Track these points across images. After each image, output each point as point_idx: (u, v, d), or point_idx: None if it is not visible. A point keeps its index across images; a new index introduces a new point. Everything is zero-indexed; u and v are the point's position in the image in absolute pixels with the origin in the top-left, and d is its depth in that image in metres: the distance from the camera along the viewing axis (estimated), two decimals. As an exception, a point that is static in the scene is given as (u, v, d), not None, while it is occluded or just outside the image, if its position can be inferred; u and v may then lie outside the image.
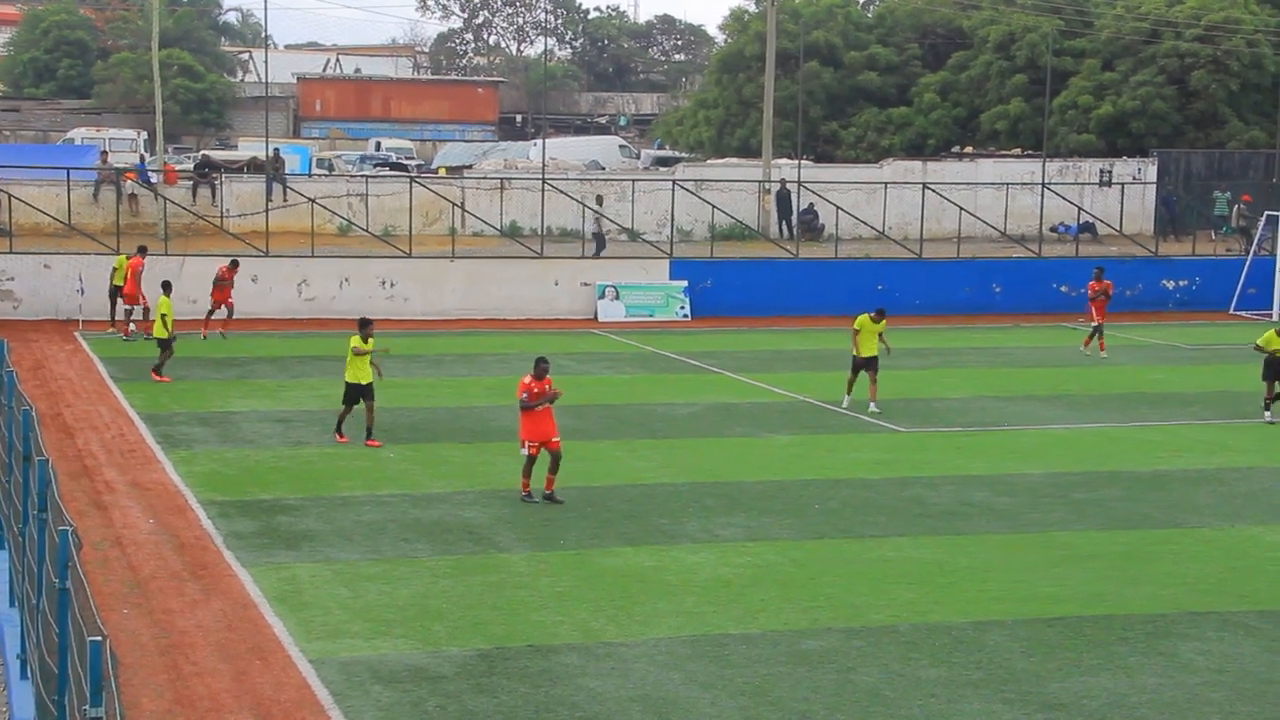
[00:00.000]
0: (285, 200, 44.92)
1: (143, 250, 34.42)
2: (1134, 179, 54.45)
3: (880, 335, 26.40)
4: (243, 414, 25.25)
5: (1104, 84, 61.14)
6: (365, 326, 22.70)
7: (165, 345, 28.07)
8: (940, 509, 19.63)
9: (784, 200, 51.08)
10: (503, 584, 16.22)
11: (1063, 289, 42.18)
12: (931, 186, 45.49)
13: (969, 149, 64.43)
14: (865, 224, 44.96)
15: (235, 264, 34.50)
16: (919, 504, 19.89)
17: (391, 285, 38.23)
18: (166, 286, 29.18)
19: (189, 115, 73.55)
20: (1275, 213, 41.34)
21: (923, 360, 33.11)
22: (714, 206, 44.26)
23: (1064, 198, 47.79)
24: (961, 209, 44.35)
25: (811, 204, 50.04)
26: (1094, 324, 33.45)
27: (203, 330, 33.46)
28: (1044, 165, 52.10)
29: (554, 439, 19.25)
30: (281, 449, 22.74)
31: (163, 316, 28.15)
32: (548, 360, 19.52)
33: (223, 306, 33.85)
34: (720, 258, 42.39)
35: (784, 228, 51.15)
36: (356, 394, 22.61)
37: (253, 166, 52.53)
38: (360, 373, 22.55)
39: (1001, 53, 63.44)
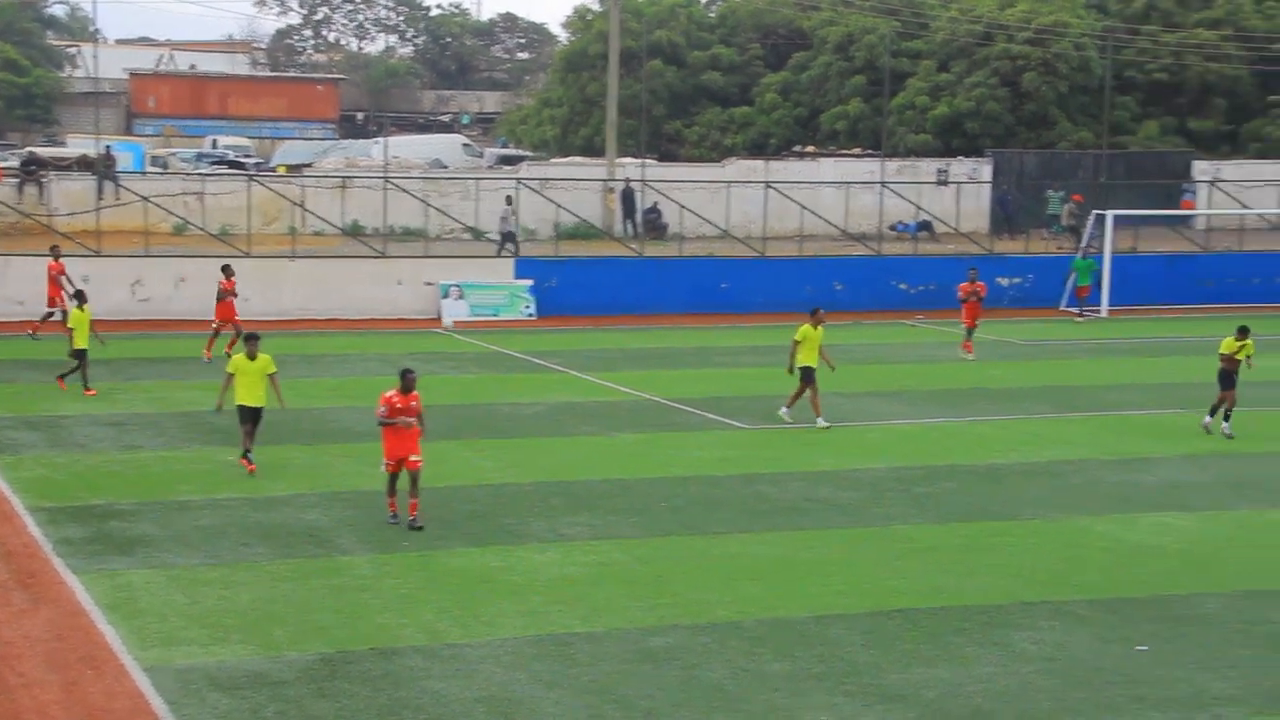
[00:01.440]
0: (118, 199, 43.79)
1: (55, 250, 32.74)
2: (970, 178, 55.60)
3: (821, 349, 25.07)
4: (73, 418, 24.54)
5: (940, 85, 62.39)
6: (251, 342, 20.76)
7: (79, 355, 26.55)
8: (785, 505, 19.82)
9: (628, 199, 51.22)
10: (345, 587, 15.98)
11: (902, 286, 42.92)
12: (773, 185, 45.97)
13: (810, 148, 65.25)
14: (709, 222, 45.26)
15: (229, 271, 31.20)
16: (764, 500, 20.06)
17: (230, 285, 37.46)
18: (81, 297, 27.49)
19: (14, 111, 71.36)
20: (1103, 211, 42.51)
21: (766, 358, 33.40)
22: (559, 205, 44.21)
23: (903, 196, 48.64)
24: (803, 208, 44.88)
25: (656, 203, 50.23)
26: (966, 326, 33.05)
27: (206, 354, 30.39)
28: (883, 165, 53.00)
29: (412, 457, 18.05)
30: (114, 453, 22.15)
31: (72, 330, 26.58)
32: (414, 373, 18.41)
33: (229, 324, 30.46)
34: (565, 256, 42.33)
35: (629, 226, 51.28)
36: (250, 415, 20.73)
37: (82, 164, 51.14)
38: (250, 394, 20.60)
39: (841, 54, 64.39)
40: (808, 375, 25.04)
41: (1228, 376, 24.28)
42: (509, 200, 45.64)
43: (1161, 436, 24.37)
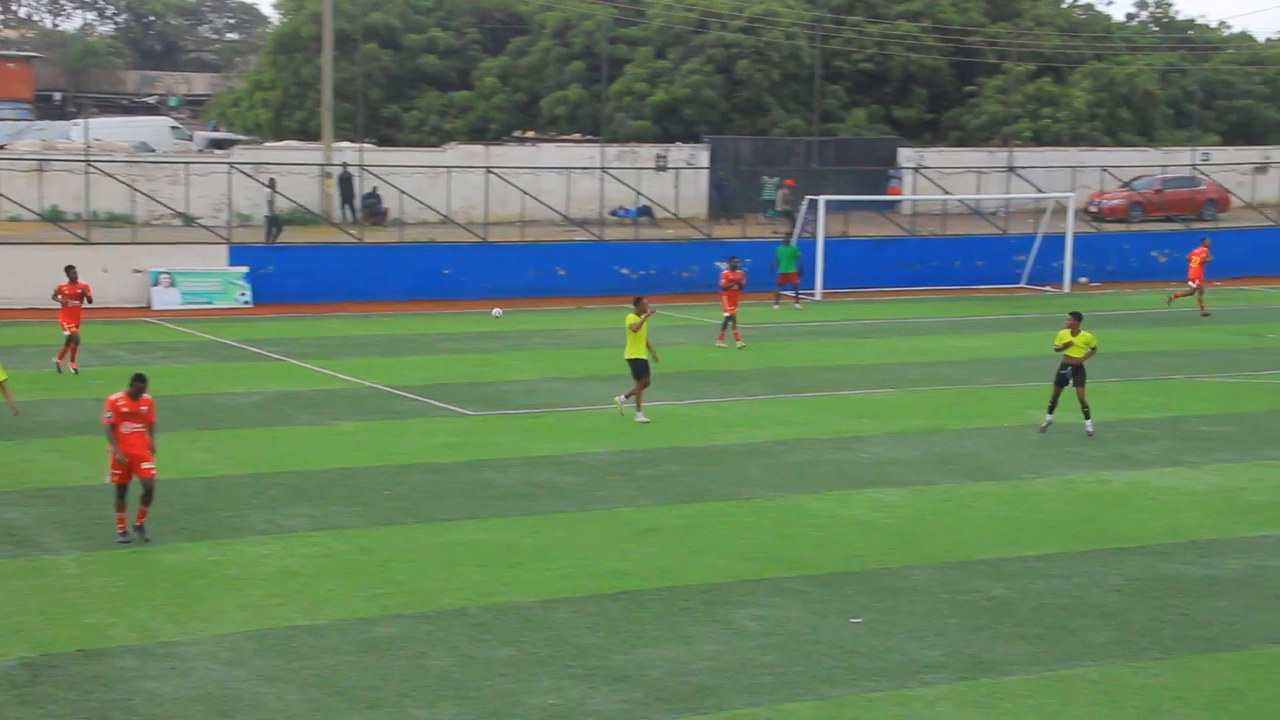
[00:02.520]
0: None
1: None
2: (688, 164, 56.52)
3: (648, 344, 24.16)
4: None
5: (657, 72, 63.22)
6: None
7: None
8: (509, 490, 19.77)
9: (347, 184, 50.35)
10: (49, 587, 15.26)
11: (624, 271, 43.33)
12: (494, 171, 45.82)
13: (530, 133, 65.34)
14: (430, 208, 44.86)
15: (72, 272, 28.44)
16: (488, 486, 19.97)
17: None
18: None
19: None
20: (815, 197, 43.71)
21: (489, 343, 33.33)
22: (274, 190, 43.13)
23: (623, 182, 49.10)
24: (524, 193, 44.88)
25: (375, 188, 49.55)
26: (726, 314, 32.77)
27: (59, 363, 28.07)
28: (603, 150, 53.43)
29: (145, 465, 16.78)
30: None
31: None
32: (145, 379, 17.15)
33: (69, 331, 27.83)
34: (282, 243, 41.32)
35: (347, 212, 50.43)
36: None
37: None
38: None
39: (559, 39, 64.60)
40: (642, 367, 24.11)
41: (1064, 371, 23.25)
42: (272, 184, 44.46)
43: (873, 415, 25.20)
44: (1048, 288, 45.28)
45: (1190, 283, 38.89)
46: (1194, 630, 14.45)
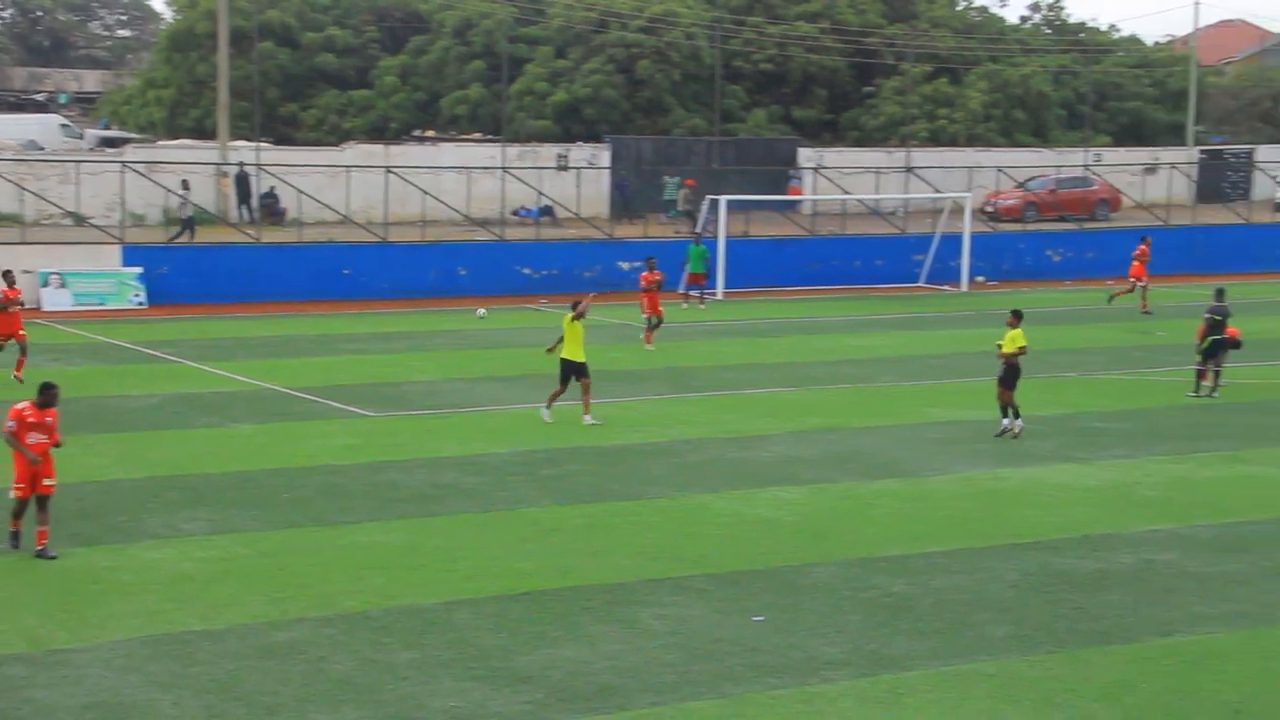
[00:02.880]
0: None
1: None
2: (589, 164, 56.51)
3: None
4: None
5: (558, 71, 63.14)
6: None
7: None
8: (412, 492, 19.64)
9: (243, 183, 49.73)
10: (-63, 597, 14.91)
11: (526, 271, 43.22)
12: (394, 170, 45.50)
13: (430, 133, 64.97)
14: (329, 208, 44.43)
15: (9, 278, 27.14)
16: (391, 488, 19.82)
17: None
18: None
19: None
20: (716, 197, 43.89)
21: (391, 344, 33.10)
22: (168, 190, 42.53)
23: (524, 182, 48.95)
24: (425, 193, 44.60)
25: (273, 187, 48.99)
26: (646, 317, 32.31)
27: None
28: (504, 150, 53.28)
29: (45, 480, 16.24)
30: None
31: None
32: (56, 388, 16.75)
33: (12, 340, 26.79)
34: (178, 243, 40.72)
35: (244, 211, 49.82)
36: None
37: None
38: None
39: (459, 38, 64.31)
40: (569, 369, 23.58)
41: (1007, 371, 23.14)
42: (185, 185, 43.82)
43: (775, 414, 25.33)
44: (946, 287, 45.82)
45: (1133, 279, 39.91)
46: (1087, 624, 14.69)
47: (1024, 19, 79.68)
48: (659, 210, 54.17)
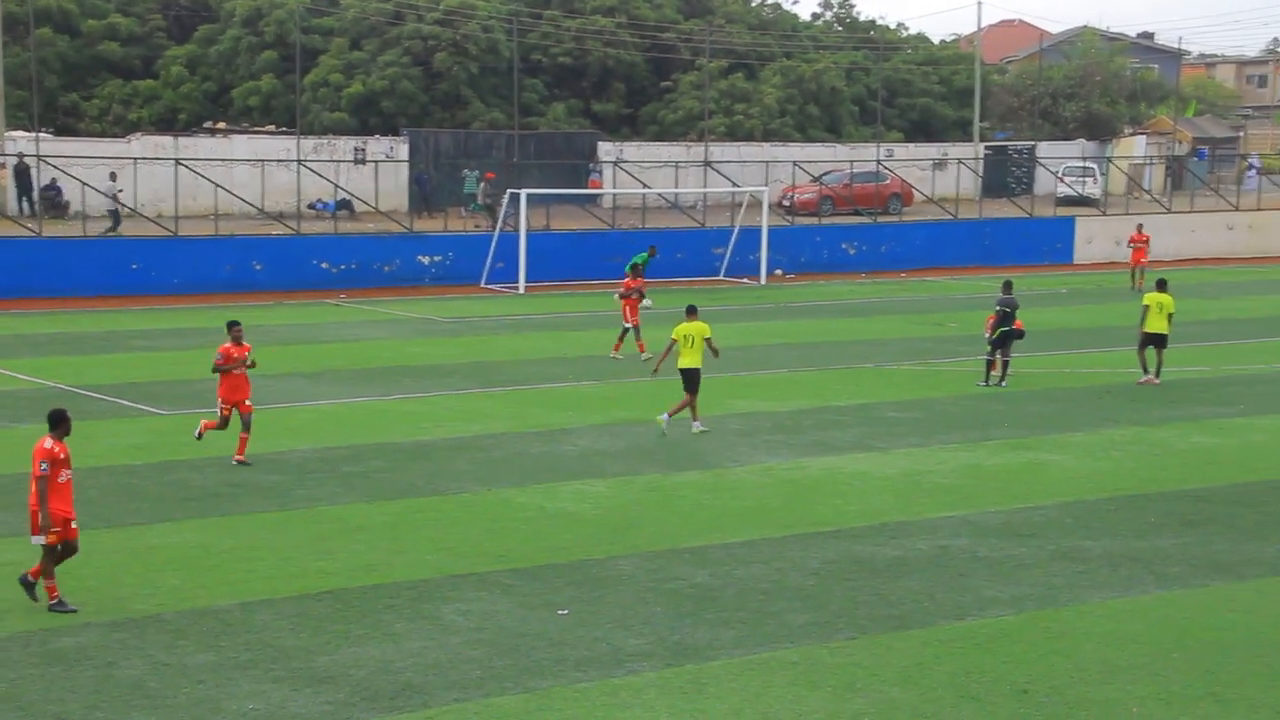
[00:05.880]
0: None
1: None
2: (387, 157, 55.84)
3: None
4: None
5: (354, 63, 62.26)
6: None
7: None
8: (206, 491, 19.13)
9: (23, 175, 47.93)
10: None
11: (324, 265, 42.52)
12: (184, 163, 44.32)
13: (222, 125, 63.44)
14: (115, 200, 43.07)
15: None
16: (183, 487, 19.29)
17: None
18: None
19: None
20: (517, 190, 43.76)
21: (184, 341, 32.22)
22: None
23: (321, 175, 48.14)
24: (217, 186, 43.56)
25: (55, 179, 47.31)
26: (625, 325, 30.99)
27: None
28: (299, 142, 52.30)
29: (73, 524, 14.74)
30: None
31: None
32: (68, 416, 15.17)
33: None
34: (-47, 236, 39.10)
35: (24, 205, 48.01)
36: None
37: None
38: None
39: (250, 28, 62.93)
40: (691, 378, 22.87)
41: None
42: (113, 177, 41.93)
43: (579, 408, 25.34)
44: (746, 280, 46.41)
45: (1141, 262, 44.69)
46: (886, 609, 14.99)
47: (815, 16, 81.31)
48: (459, 204, 53.83)
